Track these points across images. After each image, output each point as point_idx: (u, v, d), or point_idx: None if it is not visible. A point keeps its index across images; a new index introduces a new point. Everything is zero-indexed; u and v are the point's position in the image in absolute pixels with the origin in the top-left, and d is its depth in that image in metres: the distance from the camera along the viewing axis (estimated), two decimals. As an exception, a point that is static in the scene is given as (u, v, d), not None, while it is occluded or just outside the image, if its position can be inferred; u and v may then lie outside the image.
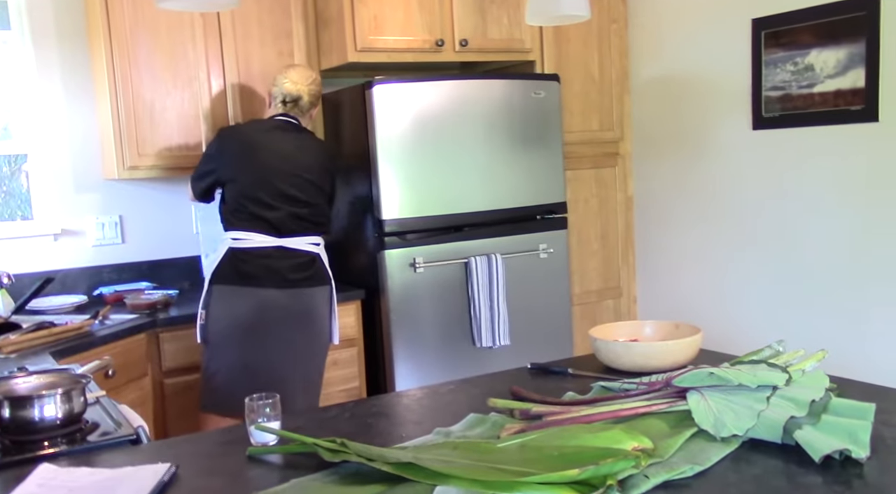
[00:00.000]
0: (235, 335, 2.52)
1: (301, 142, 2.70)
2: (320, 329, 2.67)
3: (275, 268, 2.56)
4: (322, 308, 2.67)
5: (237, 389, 2.42)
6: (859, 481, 1.10)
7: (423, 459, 1.18)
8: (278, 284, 2.56)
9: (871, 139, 2.81)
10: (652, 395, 1.43)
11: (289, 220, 2.60)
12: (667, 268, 3.69)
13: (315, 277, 2.64)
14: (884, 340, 2.83)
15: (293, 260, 2.60)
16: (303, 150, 2.67)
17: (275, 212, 2.59)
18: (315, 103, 2.79)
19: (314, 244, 2.67)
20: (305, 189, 2.64)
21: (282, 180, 2.60)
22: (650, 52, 3.64)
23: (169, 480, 1.22)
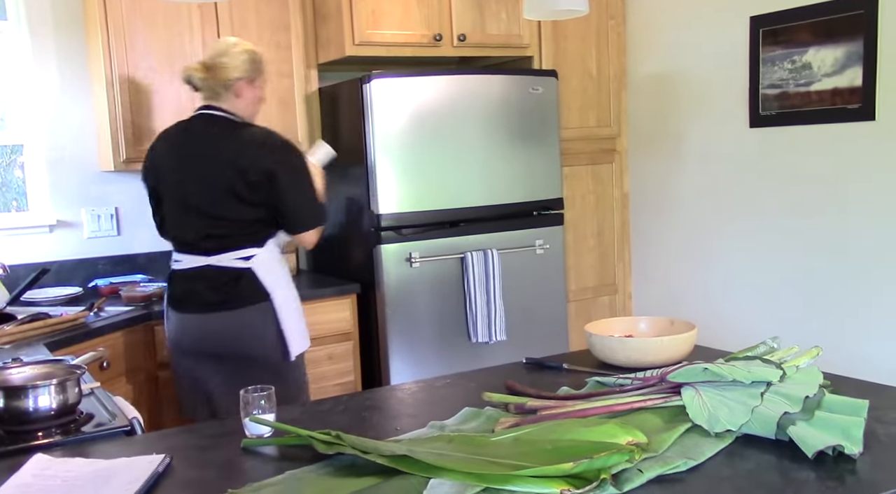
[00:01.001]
0: (174, 354, 2.44)
1: (210, 139, 2.26)
2: (258, 350, 2.29)
3: (195, 291, 2.30)
4: (258, 328, 2.28)
5: (183, 402, 2.44)
6: (852, 477, 1.10)
7: (418, 452, 1.18)
8: (198, 309, 2.30)
9: (867, 138, 2.81)
10: (646, 390, 1.44)
11: (201, 236, 2.28)
12: (662, 265, 3.69)
13: (240, 298, 2.26)
14: (879, 338, 2.84)
15: (214, 281, 2.27)
16: (209, 149, 2.25)
17: (185, 230, 2.31)
18: (233, 76, 2.27)
19: (243, 259, 2.27)
20: (212, 197, 2.24)
21: (185, 191, 2.28)
22: (648, 48, 3.64)
23: (163, 471, 1.22)
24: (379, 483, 1.13)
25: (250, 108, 2.35)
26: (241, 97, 2.30)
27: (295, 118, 3.22)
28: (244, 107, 2.32)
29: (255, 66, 2.33)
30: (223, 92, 2.28)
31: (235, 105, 2.30)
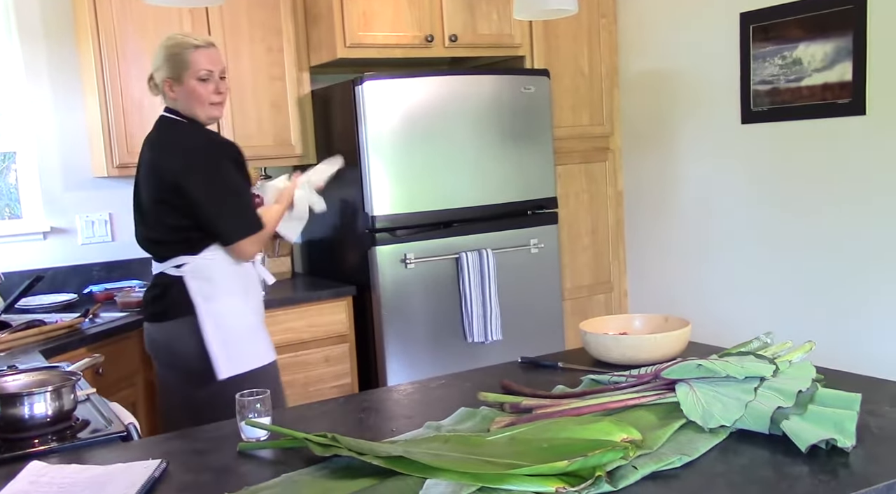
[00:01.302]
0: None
1: (149, 142, 2.23)
2: (185, 365, 2.18)
3: (144, 300, 2.31)
4: (184, 341, 2.16)
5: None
6: (845, 470, 1.11)
7: (414, 453, 1.18)
8: (145, 317, 2.31)
9: (858, 132, 2.82)
10: (641, 387, 1.44)
11: (145, 244, 2.25)
12: (657, 263, 3.70)
13: (166, 309, 2.18)
14: (871, 332, 2.85)
15: (152, 290, 2.24)
16: (147, 153, 2.22)
17: (138, 236, 2.27)
18: (156, 76, 2.19)
19: (176, 267, 2.17)
20: (147, 203, 2.19)
21: (136, 196, 2.25)
22: (639, 46, 3.65)
23: (160, 476, 1.22)
24: (375, 485, 1.14)
25: (190, 106, 2.16)
26: (173, 96, 2.17)
27: (288, 121, 3.22)
28: (183, 106, 2.17)
29: (173, 61, 2.14)
30: (159, 93, 2.22)
31: (176, 104, 2.20)
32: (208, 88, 2.16)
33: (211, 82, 2.16)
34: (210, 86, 2.16)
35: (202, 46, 2.15)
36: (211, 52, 2.17)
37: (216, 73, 2.18)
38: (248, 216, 2.18)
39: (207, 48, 2.17)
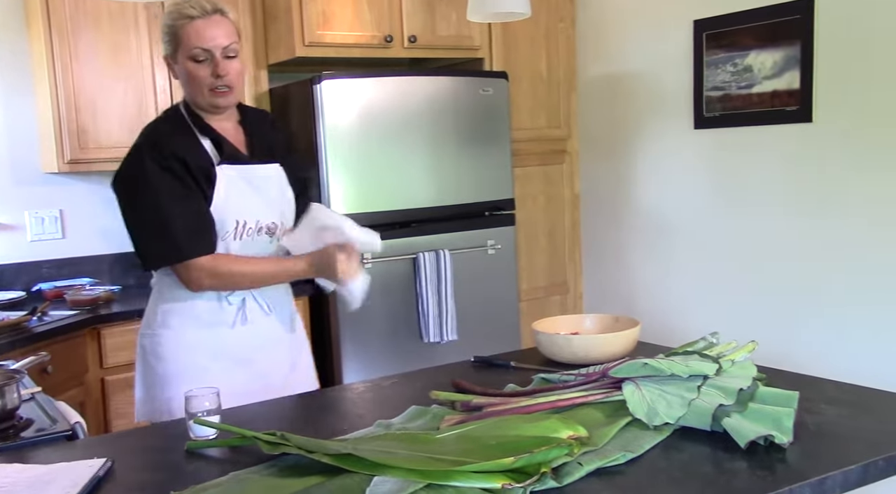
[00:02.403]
0: None
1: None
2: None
3: None
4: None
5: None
6: (782, 465, 1.14)
7: (362, 450, 1.19)
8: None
9: (805, 139, 2.90)
10: (589, 386, 1.46)
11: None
12: (612, 265, 3.75)
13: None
14: (814, 332, 2.93)
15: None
16: None
17: None
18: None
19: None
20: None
21: None
22: (597, 51, 3.70)
23: (104, 475, 1.20)
24: (323, 482, 1.14)
25: (188, 91, 1.82)
26: (175, 76, 1.85)
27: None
28: (184, 91, 1.85)
29: (169, 34, 1.79)
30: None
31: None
32: (204, 70, 1.76)
33: (207, 63, 1.75)
34: (206, 67, 1.76)
35: (197, 17, 1.73)
36: (210, 24, 1.74)
37: (216, 51, 1.75)
38: (156, 242, 1.79)
39: (206, 18, 1.74)
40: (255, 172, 1.86)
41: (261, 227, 1.85)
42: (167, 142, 1.78)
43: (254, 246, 1.84)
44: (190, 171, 1.76)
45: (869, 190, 2.74)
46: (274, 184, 1.90)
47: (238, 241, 1.82)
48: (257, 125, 1.94)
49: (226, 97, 1.80)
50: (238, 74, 1.80)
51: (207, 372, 1.81)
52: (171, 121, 1.85)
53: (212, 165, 1.80)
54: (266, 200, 1.86)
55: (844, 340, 2.84)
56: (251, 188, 1.84)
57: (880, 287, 2.73)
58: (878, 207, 2.72)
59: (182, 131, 1.81)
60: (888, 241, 2.70)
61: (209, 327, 1.84)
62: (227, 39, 1.77)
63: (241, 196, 1.82)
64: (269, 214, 1.86)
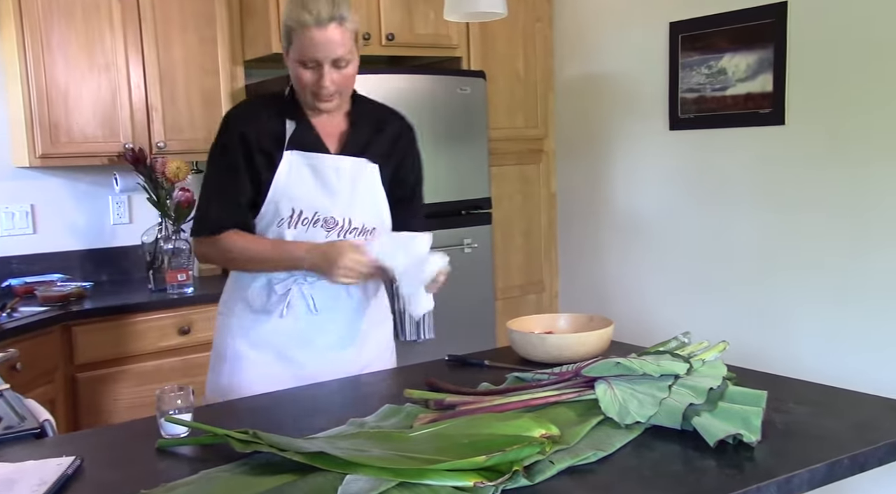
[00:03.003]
0: None
1: None
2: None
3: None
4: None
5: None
6: (750, 463, 1.16)
7: (335, 448, 1.19)
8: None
9: (778, 141, 2.94)
10: (562, 385, 1.47)
11: None
12: (588, 264, 3.78)
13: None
14: (784, 331, 2.97)
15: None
16: None
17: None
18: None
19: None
20: None
21: None
22: (574, 51, 3.72)
23: (73, 473, 1.19)
24: (295, 481, 1.14)
25: (295, 87, 1.81)
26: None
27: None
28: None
29: (284, 30, 1.75)
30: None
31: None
32: (310, 76, 1.72)
33: (314, 70, 1.71)
34: (311, 74, 1.71)
35: (312, 24, 1.66)
36: (324, 34, 1.66)
37: (326, 62, 1.69)
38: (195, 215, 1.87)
39: (321, 27, 1.66)
40: (325, 162, 1.78)
41: (318, 219, 1.77)
42: (239, 119, 1.81)
43: (308, 237, 1.77)
44: (250, 151, 1.76)
45: (839, 192, 2.78)
46: (350, 178, 1.80)
47: (293, 229, 1.77)
48: (369, 123, 1.86)
49: (328, 103, 1.76)
50: (347, 80, 1.75)
51: (245, 360, 1.83)
52: (269, 97, 1.88)
53: (279, 149, 1.77)
54: (331, 193, 1.78)
55: (814, 339, 2.88)
56: (317, 178, 1.78)
57: (850, 287, 2.77)
58: (848, 209, 2.76)
59: (269, 109, 1.81)
60: (858, 242, 2.74)
61: (256, 314, 1.83)
62: (340, 50, 1.69)
63: (301, 184, 1.77)
64: (331, 208, 1.78)
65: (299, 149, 1.78)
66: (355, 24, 1.73)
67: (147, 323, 2.77)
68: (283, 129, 1.78)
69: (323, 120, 1.82)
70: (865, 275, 2.72)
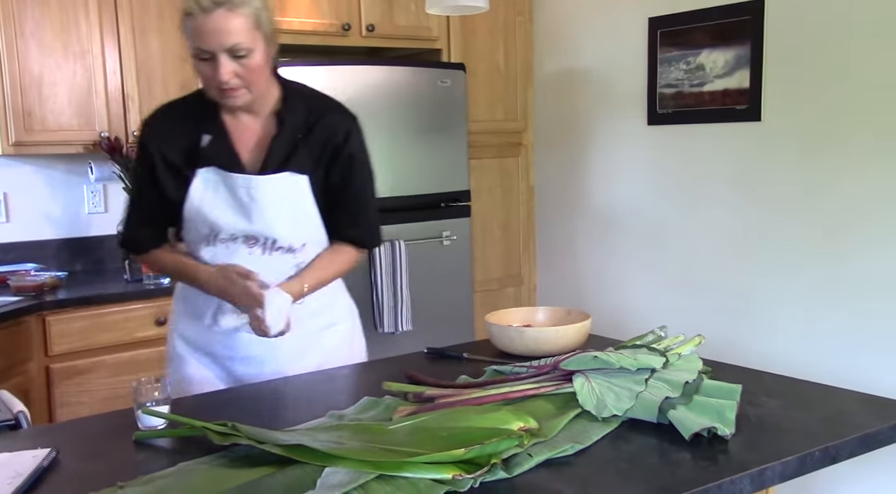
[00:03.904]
0: None
1: None
2: None
3: None
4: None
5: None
6: (724, 456, 1.18)
7: (313, 441, 1.19)
8: None
9: (754, 137, 2.97)
10: (540, 378, 1.49)
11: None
12: (566, 257, 3.80)
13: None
14: (758, 325, 3.01)
15: None
16: None
17: None
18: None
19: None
20: None
21: None
22: (553, 45, 3.72)
23: (48, 465, 1.18)
24: (273, 473, 1.14)
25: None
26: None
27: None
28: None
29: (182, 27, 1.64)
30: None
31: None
32: (208, 69, 1.59)
33: (209, 63, 1.58)
34: (209, 67, 1.58)
35: (197, 12, 1.54)
36: (210, 24, 1.54)
37: (219, 52, 1.56)
38: (123, 230, 1.84)
39: (207, 14, 1.53)
40: (238, 182, 1.67)
41: (236, 237, 1.70)
42: (150, 134, 1.72)
43: (230, 255, 1.70)
44: (159, 169, 1.69)
45: (814, 188, 2.82)
46: (271, 198, 1.68)
47: (211, 248, 1.71)
48: (298, 124, 1.71)
49: (237, 97, 1.62)
50: (252, 73, 1.59)
51: (185, 361, 1.81)
52: (181, 105, 1.75)
53: (192, 166, 1.67)
54: (248, 214, 1.68)
55: (788, 334, 2.93)
56: (233, 197, 1.68)
57: (825, 282, 2.82)
58: (823, 205, 2.80)
59: (185, 120, 1.70)
60: (833, 237, 2.78)
61: (193, 319, 1.80)
62: (234, 38, 1.55)
63: (215, 204, 1.68)
64: (249, 228, 1.69)
65: (213, 166, 1.67)
66: (255, 9, 1.58)
67: (123, 313, 2.74)
68: (198, 143, 1.68)
69: (243, 125, 1.70)
70: (840, 271, 2.77)
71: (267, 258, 1.71)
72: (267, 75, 1.66)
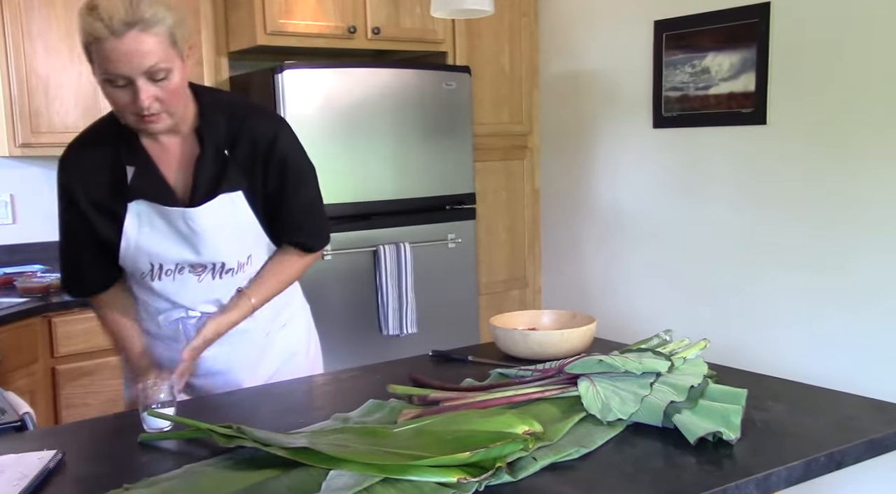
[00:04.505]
0: None
1: None
2: None
3: None
4: None
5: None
6: (729, 461, 1.18)
7: (319, 444, 1.19)
8: None
9: (759, 141, 2.96)
10: (545, 381, 1.48)
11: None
12: (571, 260, 3.79)
13: None
14: (765, 329, 3.00)
15: None
16: None
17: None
18: None
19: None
20: None
21: None
22: (559, 48, 3.72)
23: (54, 467, 1.19)
24: (279, 476, 1.14)
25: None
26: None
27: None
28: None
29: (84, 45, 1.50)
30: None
31: None
32: (124, 96, 1.45)
33: (128, 89, 1.44)
34: (125, 93, 1.45)
35: (106, 37, 1.39)
36: (122, 47, 1.39)
37: (137, 76, 1.43)
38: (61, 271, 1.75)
39: (118, 39, 1.39)
40: (173, 215, 1.56)
41: (182, 268, 1.61)
42: (67, 168, 1.60)
43: (178, 285, 1.62)
44: (86, 210, 1.58)
45: (820, 191, 2.81)
46: (211, 224, 1.58)
47: (158, 282, 1.62)
48: (220, 136, 1.59)
49: (158, 123, 1.50)
50: (172, 96, 1.47)
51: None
52: (98, 135, 1.60)
53: (121, 200, 1.56)
54: (191, 244, 1.59)
55: (794, 337, 2.92)
56: (171, 228, 1.57)
57: (832, 285, 2.81)
58: (828, 208, 2.79)
59: (103, 152, 1.57)
60: (839, 241, 2.78)
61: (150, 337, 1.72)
62: (151, 59, 1.41)
63: (153, 237, 1.58)
64: (195, 257, 1.60)
65: (144, 199, 1.56)
66: (169, 26, 1.44)
67: (128, 315, 2.74)
68: (123, 176, 1.56)
69: (165, 148, 1.58)
70: (847, 274, 2.76)
71: (218, 282, 1.65)
72: (186, 95, 1.54)
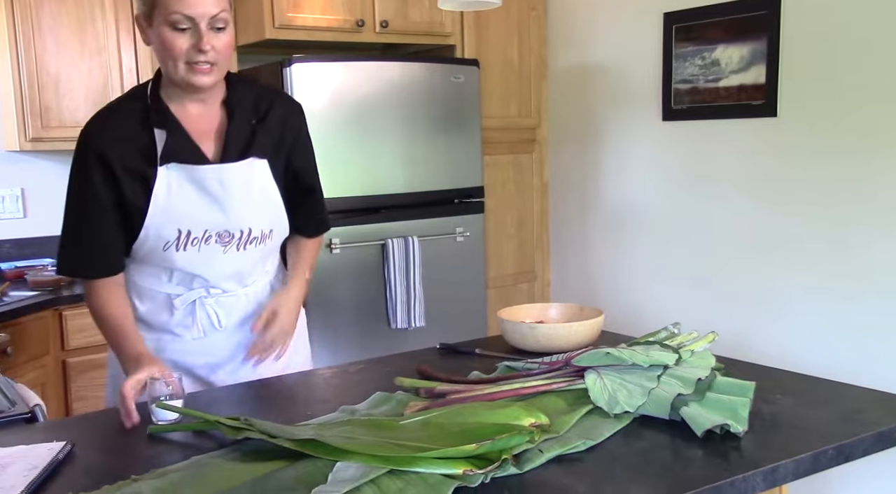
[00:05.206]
0: None
1: None
2: None
3: None
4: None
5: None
6: (736, 453, 1.17)
7: (325, 435, 1.19)
8: None
9: (770, 133, 2.95)
10: (552, 374, 1.48)
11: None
12: (580, 253, 3.79)
13: None
14: (773, 322, 2.99)
15: None
16: None
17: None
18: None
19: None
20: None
21: None
22: (568, 40, 3.71)
23: (64, 458, 1.20)
24: (285, 467, 1.14)
25: (162, 62, 1.57)
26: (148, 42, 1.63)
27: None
28: (160, 62, 1.59)
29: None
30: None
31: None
32: (184, 41, 1.48)
33: (189, 33, 1.48)
34: (186, 38, 1.48)
35: None
36: None
37: (202, 20, 1.47)
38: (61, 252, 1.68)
39: None
40: (207, 174, 1.58)
41: (209, 236, 1.61)
42: (97, 136, 1.56)
43: (202, 257, 1.62)
44: (114, 176, 1.55)
45: (830, 183, 2.79)
46: (240, 185, 1.61)
47: (182, 252, 1.60)
48: (249, 110, 1.65)
49: (207, 75, 1.52)
50: (226, 49, 1.52)
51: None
52: (124, 105, 1.62)
53: (151, 165, 1.56)
54: (221, 206, 1.60)
55: (803, 330, 2.90)
56: (201, 192, 1.58)
57: (841, 278, 2.79)
58: (839, 200, 2.77)
59: (132, 120, 1.57)
60: (849, 234, 2.76)
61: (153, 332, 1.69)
62: (217, 6, 1.48)
63: (185, 201, 1.57)
64: (224, 221, 1.61)
65: (176, 162, 1.56)
66: None
67: (138, 308, 2.76)
68: (153, 141, 1.56)
69: (195, 117, 1.60)
70: (856, 267, 2.74)
71: (241, 254, 1.66)
72: (231, 56, 1.59)
